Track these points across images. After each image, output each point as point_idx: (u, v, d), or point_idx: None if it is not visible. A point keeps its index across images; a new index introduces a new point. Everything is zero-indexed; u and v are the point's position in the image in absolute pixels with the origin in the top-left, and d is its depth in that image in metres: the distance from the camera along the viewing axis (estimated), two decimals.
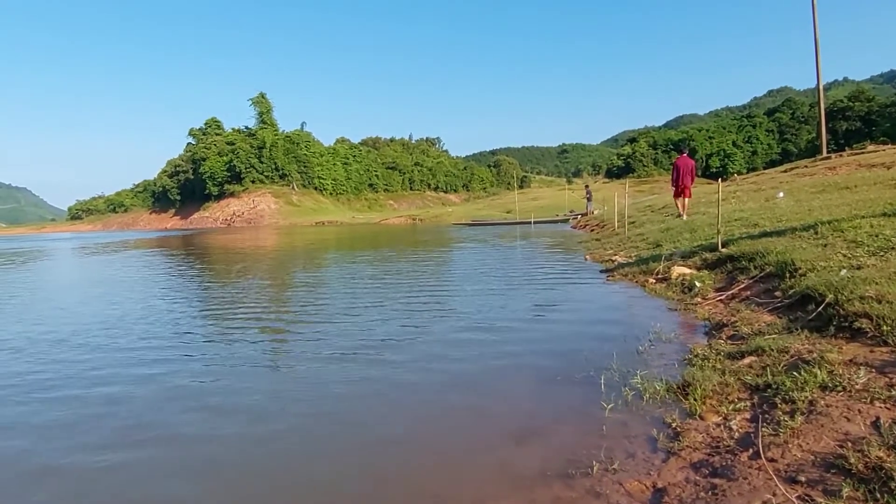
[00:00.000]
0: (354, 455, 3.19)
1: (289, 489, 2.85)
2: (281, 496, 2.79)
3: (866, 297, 4.06)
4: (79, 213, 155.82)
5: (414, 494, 2.75)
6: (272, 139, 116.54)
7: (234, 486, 2.92)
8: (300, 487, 2.87)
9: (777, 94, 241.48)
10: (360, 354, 5.27)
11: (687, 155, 15.63)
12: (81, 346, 6.08)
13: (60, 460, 3.28)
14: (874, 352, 3.48)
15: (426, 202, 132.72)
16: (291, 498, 2.78)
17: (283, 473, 3.01)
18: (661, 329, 5.27)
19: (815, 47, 27.00)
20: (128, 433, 3.64)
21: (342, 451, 3.26)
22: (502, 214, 54.10)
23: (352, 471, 3.01)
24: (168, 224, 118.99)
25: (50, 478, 3.07)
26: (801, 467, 2.45)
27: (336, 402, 4.09)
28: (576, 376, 4.21)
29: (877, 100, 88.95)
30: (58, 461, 3.26)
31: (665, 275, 7.97)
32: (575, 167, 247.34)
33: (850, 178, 14.95)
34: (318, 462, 3.15)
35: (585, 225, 25.68)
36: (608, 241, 14.83)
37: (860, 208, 8.20)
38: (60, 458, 3.31)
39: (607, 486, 2.64)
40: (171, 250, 27.24)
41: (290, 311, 8.07)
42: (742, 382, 3.54)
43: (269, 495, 2.80)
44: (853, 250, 5.76)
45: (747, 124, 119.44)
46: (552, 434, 3.29)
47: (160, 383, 4.69)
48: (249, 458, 3.22)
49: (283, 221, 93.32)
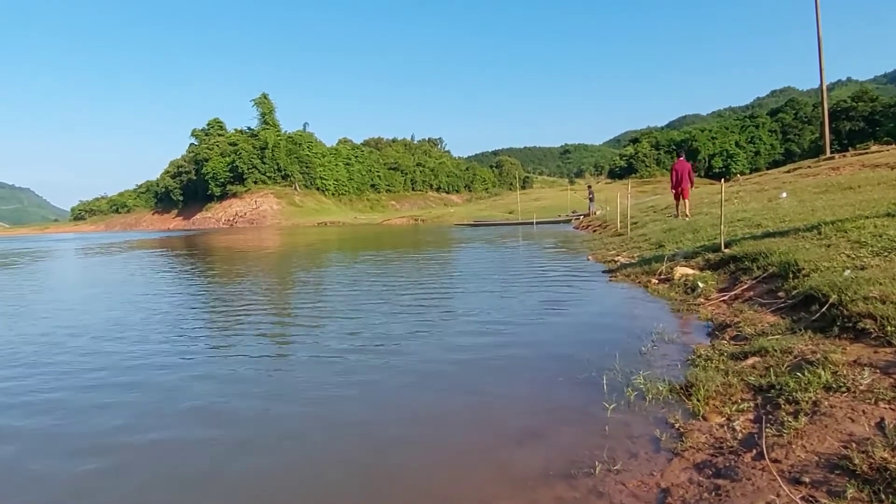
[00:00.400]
0: (356, 456, 3.18)
1: (289, 490, 2.84)
2: (280, 497, 2.79)
3: (870, 297, 4.04)
4: (82, 213, 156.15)
5: (416, 495, 2.75)
6: (275, 140, 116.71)
7: (232, 487, 2.92)
8: (301, 488, 2.86)
9: (780, 94, 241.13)
10: (362, 356, 5.28)
11: (684, 158, 16.26)
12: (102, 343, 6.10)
13: (41, 466, 3.28)
14: (878, 352, 3.47)
15: (428, 203, 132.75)
16: (291, 499, 2.78)
17: (282, 474, 3.00)
18: (664, 329, 5.26)
19: (819, 47, 26.95)
20: (144, 427, 3.65)
21: (343, 452, 3.25)
22: (504, 215, 54.09)
23: (353, 471, 3.00)
24: (171, 225, 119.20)
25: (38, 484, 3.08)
26: (804, 468, 2.44)
27: (337, 403, 4.08)
28: (578, 377, 4.20)
29: (880, 100, 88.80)
30: (41, 468, 3.27)
31: (668, 275, 7.95)
32: (577, 168, 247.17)
33: (853, 179, 14.90)
34: (319, 463, 3.14)
35: (588, 225, 25.64)
36: (611, 242, 14.82)
37: (864, 208, 8.17)
38: (42, 464, 3.32)
39: (610, 486, 2.63)
40: (175, 251, 27.29)
41: (293, 313, 8.08)
42: (745, 383, 3.53)
43: (268, 496, 2.80)
44: (857, 251, 5.74)
45: (750, 125, 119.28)
46: (554, 434, 3.29)
47: (146, 392, 4.69)
48: (245, 457, 3.22)
49: (286, 222, 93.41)
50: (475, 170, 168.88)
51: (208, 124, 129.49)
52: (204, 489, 2.90)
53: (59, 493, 2.92)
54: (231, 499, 2.80)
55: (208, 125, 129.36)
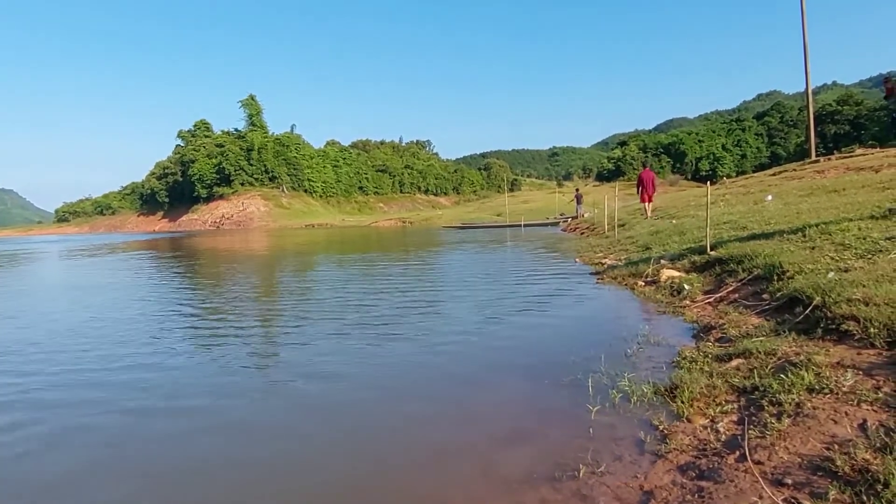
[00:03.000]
0: (340, 458, 3.15)
1: (275, 489, 2.80)
2: (266, 497, 2.75)
3: (854, 299, 4.07)
4: (66, 215, 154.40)
5: (400, 497, 2.72)
6: (262, 141, 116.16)
7: (215, 489, 2.87)
8: (286, 488, 2.82)
9: (766, 97, 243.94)
10: (349, 356, 5.24)
11: (649, 168, 21.34)
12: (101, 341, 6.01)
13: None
14: (861, 354, 3.49)
15: (416, 205, 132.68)
16: (277, 499, 2.74)
17: (268, 474, 2.96)
18: (650, 332, 5.26)
19: (805, 51, 27.21)
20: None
21: (328, 455, 3.21)
22: (492, 217, 54.08)
23: (337, 474, 2.96)
24: (156, 227, 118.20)
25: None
26: (787, 470, 2.43)
27: (321, 405, 4.05)
28: (563, 379, 4.18)
29: (865, 103, 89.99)
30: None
31: (654, 277, 7.98)
32: (565, 170, 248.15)
33: (838, 182, 15.04)
34: (304, 466, 3.10)
35: (576, 228, 25.71)
36: (598, 244, 14.85)
37: (848, 211, 8.25)
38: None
39: (594, 488, 2.62)
40: (160, 253, 27.03)
41: (277, 320, 8.02)
42: (729, 385, 3.53)
43: (256, 495, 2.76)
44: (841, 253, 5.78)
45: (737, 128, 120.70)
46: (539, 437, 3.27)
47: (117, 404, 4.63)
48: (240, 457, 3.18)
49: (273, 224, 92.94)
50: (463, 172, 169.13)
51: (195, 125, 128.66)
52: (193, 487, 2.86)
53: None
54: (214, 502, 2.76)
55: (195, 126, 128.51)
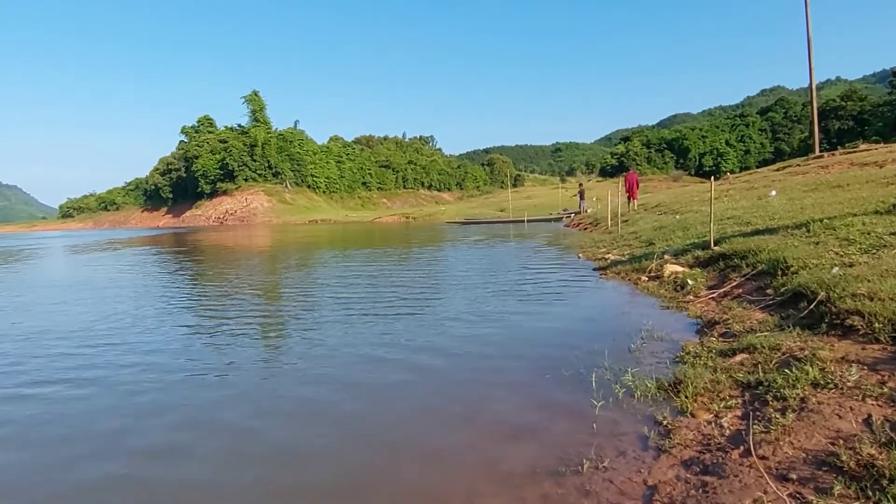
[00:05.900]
0: (344, 454, 3.15)
1: (278, 485, 2.81)
2: (269, 492, 2.75)
3: (858, 294, 4.06)
4: (70, 211, 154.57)
5: (404, 492, 2.72)
6: (265, 137, 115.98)
7: (227, 487, 2.88)
8: (289, 484, 2.82)
9: (770, 93, 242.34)
10: (351, 352, 5.24)
11: (633, 171, 24.85)
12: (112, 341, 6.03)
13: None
14: (866, 349, 3.47)
15: (420, 201, 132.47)
16: (281, 494, 2.74)
17: (270, 469, 2.96)
18: (653, 327, 5.26)
19: (808, 47, 27.12)
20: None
21: (331, 450, 3.22)
22: (496, 213, 54.00)
23: (341, 469, 2.97)
24: (160, 222, 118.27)
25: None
26: (792, 465, 2.43)
27: (325, 402, 4.05)
28: (566, 374, 4.18)
29: (869, 99, 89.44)
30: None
31: (657, 273, 7.96)
32: (569, 166, 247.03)
33: (842, 177, 15.01)
34: (307, 460, 3.11)
35: (579, 223, 25.65)
36: (601, 240, 14.83)
37: (852, 206, 8.21)
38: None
39: (597, 483, 2.62)
40: (165, 248, 27.08)
41: (280, 313, 8.03)
42: (733, 380, 3.53)
43: (256, 491, 2.76)
44: (845, 248, 5.76)
45: (740, 123, 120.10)
46: (542, 432, 3.27)
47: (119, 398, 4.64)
48: (236, 456, 3.18)
49: (276, 220, 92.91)
50: (467, 168, 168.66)
51: (198, 121, 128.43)
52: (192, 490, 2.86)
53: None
54: (212, 494, 2.77)
55: (198, 122, 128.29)
